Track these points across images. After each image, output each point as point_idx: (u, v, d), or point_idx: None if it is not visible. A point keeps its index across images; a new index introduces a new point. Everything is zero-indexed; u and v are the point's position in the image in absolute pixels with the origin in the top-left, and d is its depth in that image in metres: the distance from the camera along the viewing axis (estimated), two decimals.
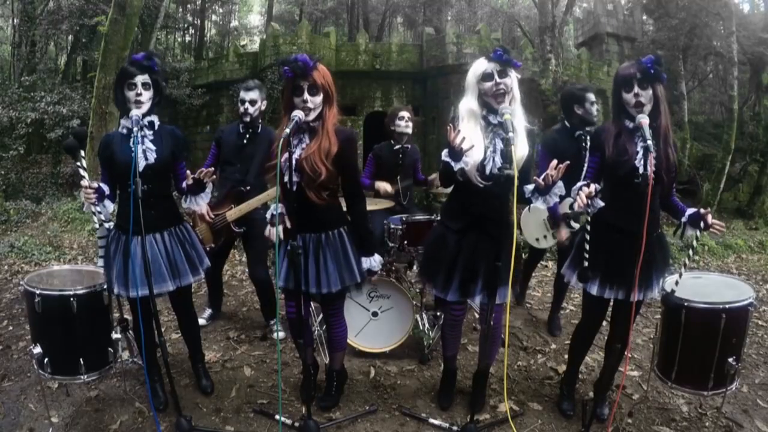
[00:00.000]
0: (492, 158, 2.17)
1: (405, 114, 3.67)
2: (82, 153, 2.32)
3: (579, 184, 2.13)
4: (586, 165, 2.96)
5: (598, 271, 2.25)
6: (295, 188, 2.16)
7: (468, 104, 2.21)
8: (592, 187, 2.04)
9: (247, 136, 3.28)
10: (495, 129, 2.19)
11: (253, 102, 3.22)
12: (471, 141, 2.06)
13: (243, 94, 3.23)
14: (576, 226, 3.43)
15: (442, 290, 2.35)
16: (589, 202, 2.03)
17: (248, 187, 3.23)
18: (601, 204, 2.10)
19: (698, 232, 2.19)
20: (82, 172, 2.27)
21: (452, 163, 2.09)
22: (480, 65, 2.17)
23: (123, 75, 2.24)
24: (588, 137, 3.19)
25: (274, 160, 1.99)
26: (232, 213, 3.19)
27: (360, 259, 2.35)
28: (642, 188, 1.94)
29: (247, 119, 3.24)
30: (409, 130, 3.71)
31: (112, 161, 2.28)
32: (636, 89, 2.05)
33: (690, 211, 2.21)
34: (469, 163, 2.10)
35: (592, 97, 3.20)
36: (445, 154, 2.12)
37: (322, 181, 2.15)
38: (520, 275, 2.57)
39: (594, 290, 2.27)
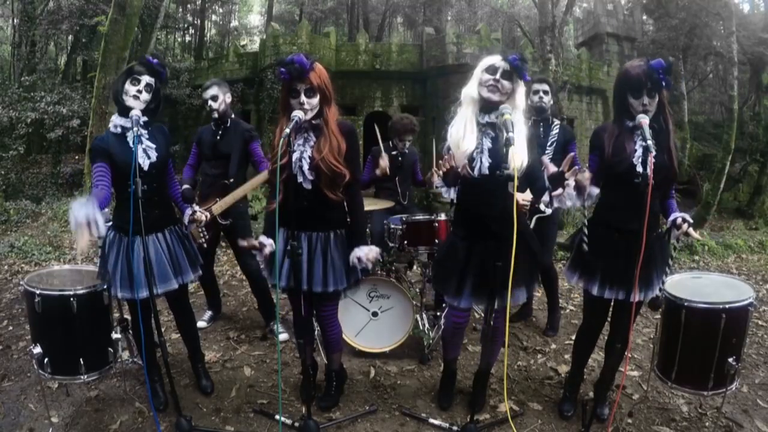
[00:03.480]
0: (479, 158, 2.17)
1: (410, 138, 3.81)
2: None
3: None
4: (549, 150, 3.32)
5: (598, 271, 2.25)
6: (310, 187, 2.17)
7: (469, 90, 2.23)
8: (587, 173, 2.03)
9: (219, 132, 3.34)
10: (483, 129, 2.19)
11: (214, 98, 3.25)
12: (463, 133, 2.16)
13: (203, 94, 3.33)
14: (547, 210, 3.39)
15: (454, 297, 2.32)
16: (587, 187, 2.03)
17: (231, 180, 3.28)
18: (597, 191, 2.12)
19: (677, 240, 2.22)
20: None
21: (446, 192, 2.26)
22: (492, 58, 2.17)
23: (130, 71, 2.25)
24: (541, 123, 3.38)
25: (274, 160, 1.98)
26: (217, 206, 3.19)
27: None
28: (642, 188, 1.94)
29: (215, 115, 3.30)
30: (406, 150, 3.83)
31: (112, 162, 2.25)
32: (645, 99, 2.05)
33: (672, 216, 2.19)
34: (460, 158, 2.15)
35: (534, 87, 3.36)
36: (439, 184, 2.27)
37: (347, 181, 2.18)
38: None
39: (594, 290, 2.26)
